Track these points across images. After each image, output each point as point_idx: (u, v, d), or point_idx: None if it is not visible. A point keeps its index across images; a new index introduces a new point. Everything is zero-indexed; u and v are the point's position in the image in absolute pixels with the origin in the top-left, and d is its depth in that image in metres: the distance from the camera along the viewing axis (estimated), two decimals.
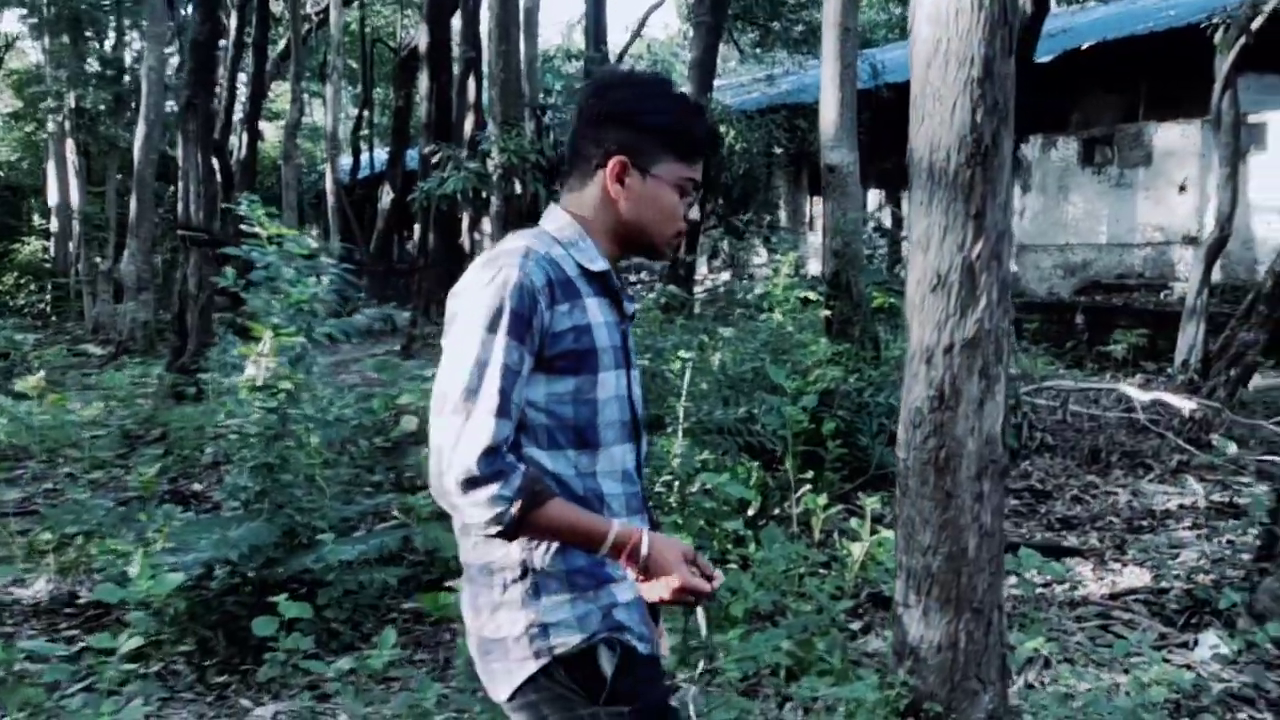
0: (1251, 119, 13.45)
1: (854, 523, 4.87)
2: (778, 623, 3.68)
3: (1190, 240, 14.84)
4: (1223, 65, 9.51)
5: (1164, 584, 4.79)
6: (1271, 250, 11.78)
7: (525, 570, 1.61)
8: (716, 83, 15.80)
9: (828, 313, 7.27)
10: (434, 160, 12.31)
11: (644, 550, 1.58)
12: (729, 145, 14.19)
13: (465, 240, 14.45)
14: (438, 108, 14.95)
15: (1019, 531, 5.91)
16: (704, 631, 1.91)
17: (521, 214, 10.18)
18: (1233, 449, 6.97)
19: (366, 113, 25.66)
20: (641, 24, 17.90)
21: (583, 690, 1.61)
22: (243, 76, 17.96)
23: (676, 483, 4.12)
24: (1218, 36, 9.99)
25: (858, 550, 4.61)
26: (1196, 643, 4.05)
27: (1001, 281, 2.79)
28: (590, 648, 1.61)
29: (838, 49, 6.96)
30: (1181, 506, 6.27)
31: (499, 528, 1.52)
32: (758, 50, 18.72)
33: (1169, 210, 15.76)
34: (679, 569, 1.59)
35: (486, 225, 12.72)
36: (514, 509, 1.50)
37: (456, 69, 14.64)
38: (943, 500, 2.81)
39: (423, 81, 15.21)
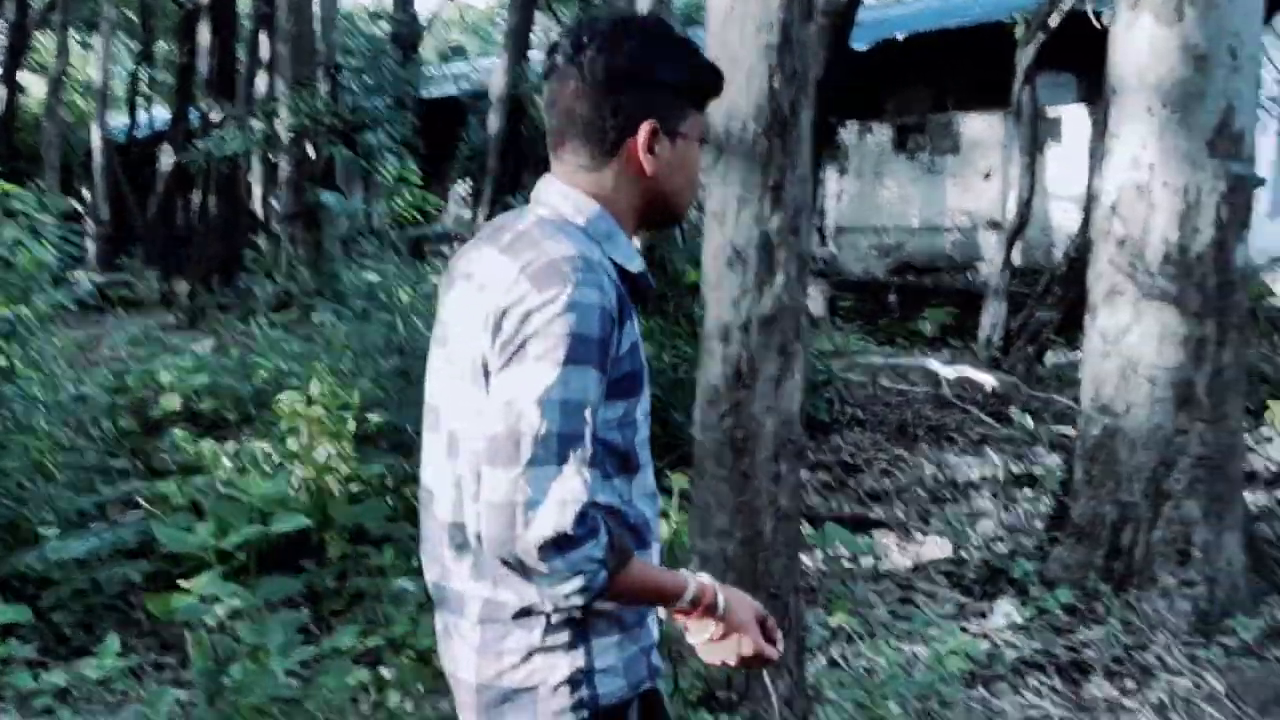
0: (1049, 113, 14.32)
1: (661, 501, 4.81)
2: None
3: (994, 225, 15.67)
4: (1023, 60, 10.01)
5: (964, 554, 4.96)
6: (1066, 235, 12.60)
7: (572, 615, 1.40)
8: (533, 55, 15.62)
9: None
10: (217, 120, 11.59)
11: (721, 606, 1.45)
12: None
13: (259, 208, 13.66)
14: (221, 64, 14.18)
15: (828, 505, 6.04)
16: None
17: (315, 179, 9.67)
18: (1030, 422, 7.35)
19: (146, 68, 23.89)
20: None
21: None
22: (1, 24, 16.36)
23: None
24: (1019, 32, 10.52)
25: (664, 531, 4.57)
26: (992, 611, 4.20)
27: (800, 257, 2.74)
28: (631, 698, 1.45)
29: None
30: (983, 478, 6.56)
31: (583, 599, 1.31)
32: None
33: (975, 196, 16.63)
34: (754, 632, 1.47)
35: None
36: (604, 573, 1.31)
37: (250, 25, 13.82)
38: (739, 482, 2.75)
39: (205, 35, 14.33)
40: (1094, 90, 13.91)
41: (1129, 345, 4.15)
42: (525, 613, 1.40)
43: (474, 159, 17.89)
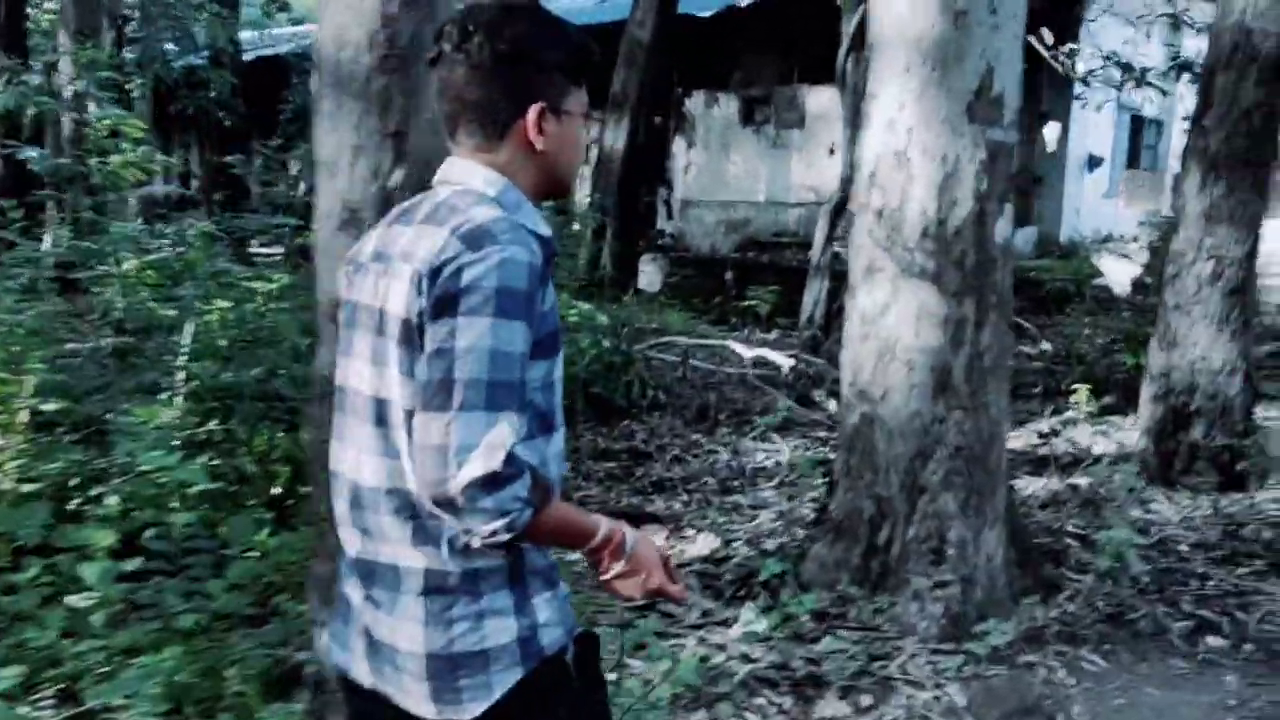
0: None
1: None
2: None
3: None
4: (847, 30, 9.84)
5: (730, 552, 4.68)
6: None
7: (517, 571, 1.53)
8: None
9: None
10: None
11: (629, 545, 1.57)
12: None
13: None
14: (10, 14, 12.90)
15: (609, 497, 5.70)
16: None
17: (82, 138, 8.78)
18: (833, 406, 7.18)
19: None
20: None
21: (557, 685, 1.57)
22: None
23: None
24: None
25: None
26: (737, 619, 3.90)
27: None
28: (568, 644, 1.58)
29: None
30: (777, 465, 6.33)
31: (510, 533, 1.42)
32: None
33: (820, 172, 16.61)
34: (657, 569, 1.60)
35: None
36: (528, 511, 1.42)
37: None
38: None
39: None
40: None
41: (887, 326, 3.90)
42: (470, 579, 1.50)
43: (294, 121, 16.93)
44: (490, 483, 1.37)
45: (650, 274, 15.76)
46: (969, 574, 3.84)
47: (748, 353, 7.45)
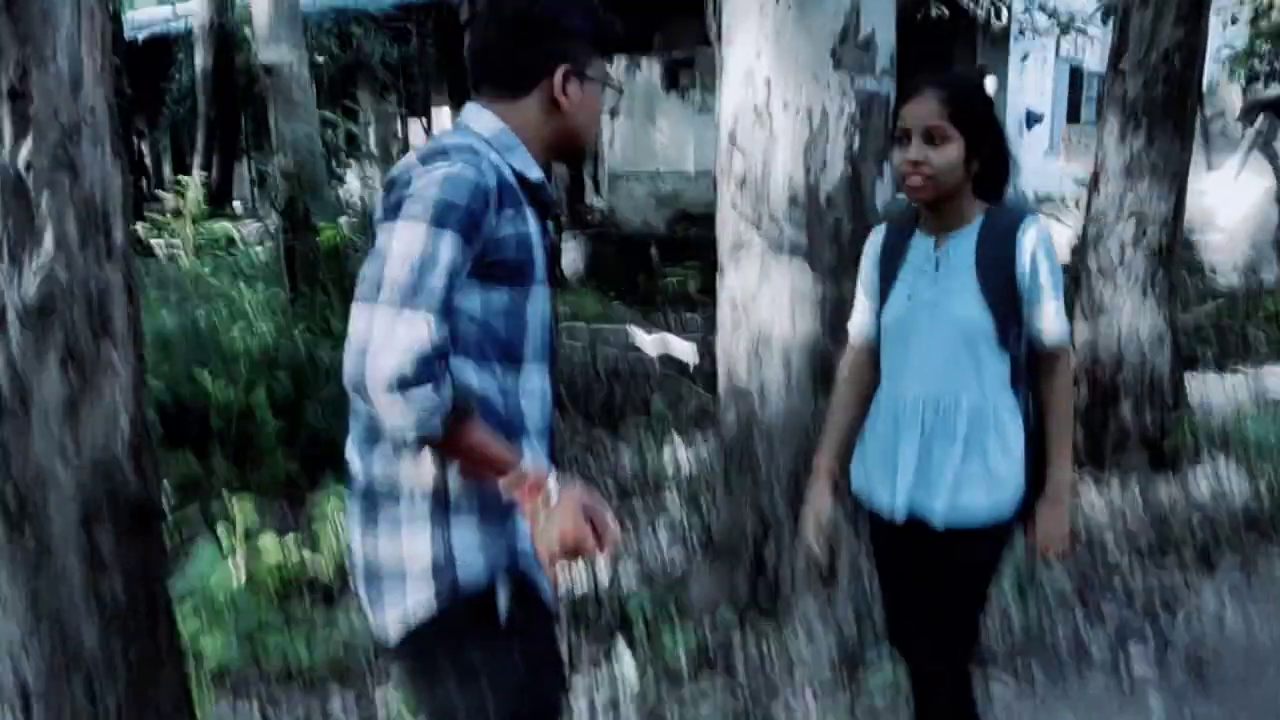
0: None
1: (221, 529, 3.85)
2: None
3: None
4: None
5: (616, 573, 4.25)
6: None
7: (439, 489, 1.60)
8: None
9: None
10: None
11: (550, 486, 1.58)
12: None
13: None
14: None
15: None
16: None
17: None
18: None
19: None
20: None
21: (475, 627, 1.61)
22: None
23: None
24: None
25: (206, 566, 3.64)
26: (609, 657, 3.47)
27: (87, 203, 1.83)
28: (491, 584, 1.62)
29: None
30: (682, 466, 5.90)
31: (421, 434, 1.49)
32: None
33: None
34: (577, 519, 1.59)
35: None
36: (438, 418, 1.48)
37: None
38: (28, 568, 1.84)
39: None
40: None
41: (759, 313, 3.47)
42: (392, 488, 1.61)
43: (182, 100, 16.17)
44: (402, 382, 1.44)
45: (572, 254, 15.25)
46: (863, 596, 3.44)
47: (649, 343, 6.99)
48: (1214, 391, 6.17)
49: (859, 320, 2.42)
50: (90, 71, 1.86)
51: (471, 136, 1.67)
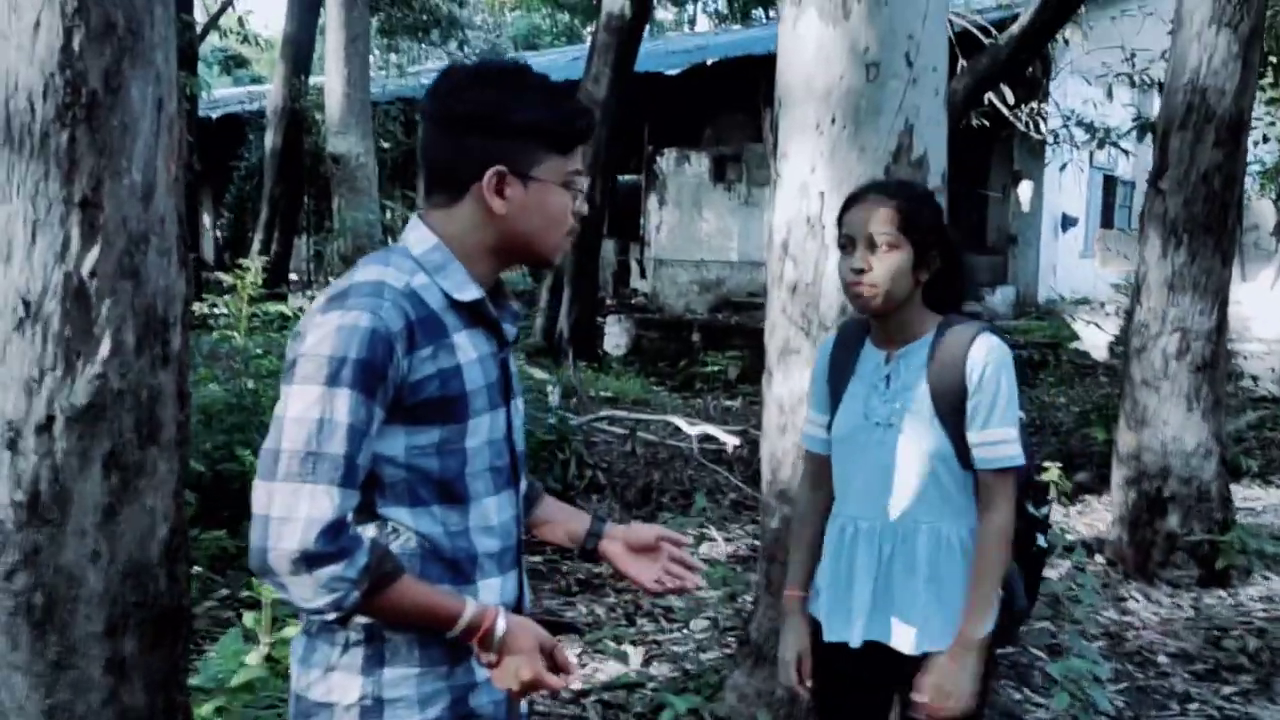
0: None
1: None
2: None
3: None
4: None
5: (648, 673, 4.09)
6: None
7: (371, 634, 1.45)
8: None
9: None
10: None
11: (498, 633, 1.45)
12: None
13: None
14: None
15: (530, 597, 5.09)
16: None
17: None
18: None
19: None
20: None
21: None
22: None
23: None
24: None
25: None
26: None
27: (148, 311, 1.78)
28: None
29: (342, 16, 5.90)
30: (722, 557, 5.74)
31: (336, 613, 1.35)
32: (380, 35, 17.44)
33: None
34: (532, 659, 1.46)
35: None
36: (355, 593, 1.34)
37: None
38: (48, 673, 1.75)
39: None
40: None
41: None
42: (327, 628, 1.46)
43: (249, 179, 16.52)
44: (309, 561, 1.32)
45: (616, 335, 15.26)
46: None
47: (692, 429, 6.87)
48: (1262, 504, 5.93)
49: (811, 434, 2.21)
50: (164, 182, 1.82)
51: (395, 259, 1.49)
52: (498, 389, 1.54)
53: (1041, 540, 2.13)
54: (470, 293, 1.51)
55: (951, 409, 1.93)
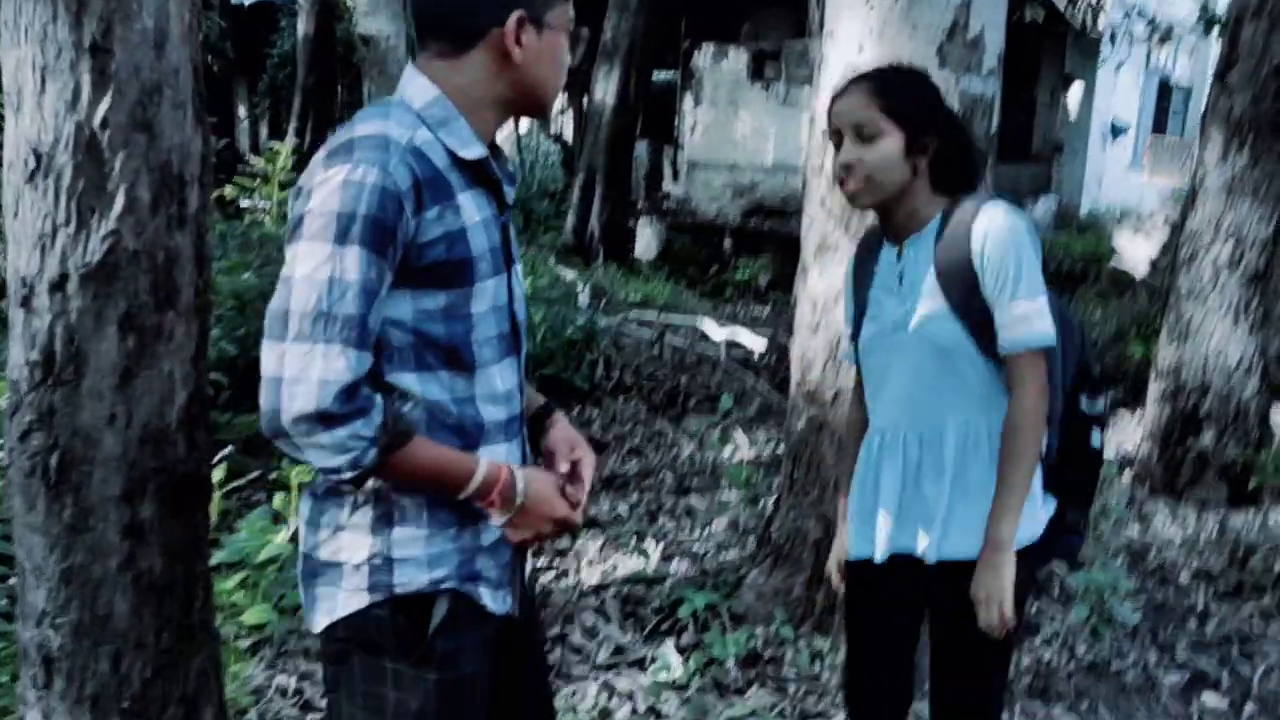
0: None
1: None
2: None
3: None
4: None
5: (667, 570, 4.10)
6: None
7: (379, 494, 1.44)
8: None
9: None
10: None
11: (519, 488, 1.47)
12: None
13: None
14: None
15: None
16: None
17: None
18: None
19: None
20: None
21: (398, 640, 1.45)
22: None
23: None
24: None
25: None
26: (655, 659, 3.33)
27: (163, 167, 1.72)
28: (431, 594, 1.45)
29: None
30: (745, 460, 5.73)
31: (353, 473, 1.34)
32: None
33: None
34: (557, 503, 1.51)
35: None
36: (373, 451, 1.33)
37: None
38: (64, 535, 1.74)
39: None
40: None
41: (841, 316, 3.28)
42: (335, 490, 1.45)
43: (283, 66, 16.30)
44: (325, 420, 1.30)
45: (648, 239, 15.11)
46: None
47: (718, 333, 6.81)
48: None
49: (846, 348, 2.14)
50: (178, 31, 1.74)
51: (396, 113, 1.43)
52: (500, 253, 1.51)
53: (1096, 439, 2.01)
54: (475, 150, 1.46)
55: (963, 294, 1.81)
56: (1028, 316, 1.78)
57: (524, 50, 1.45)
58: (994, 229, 1.79)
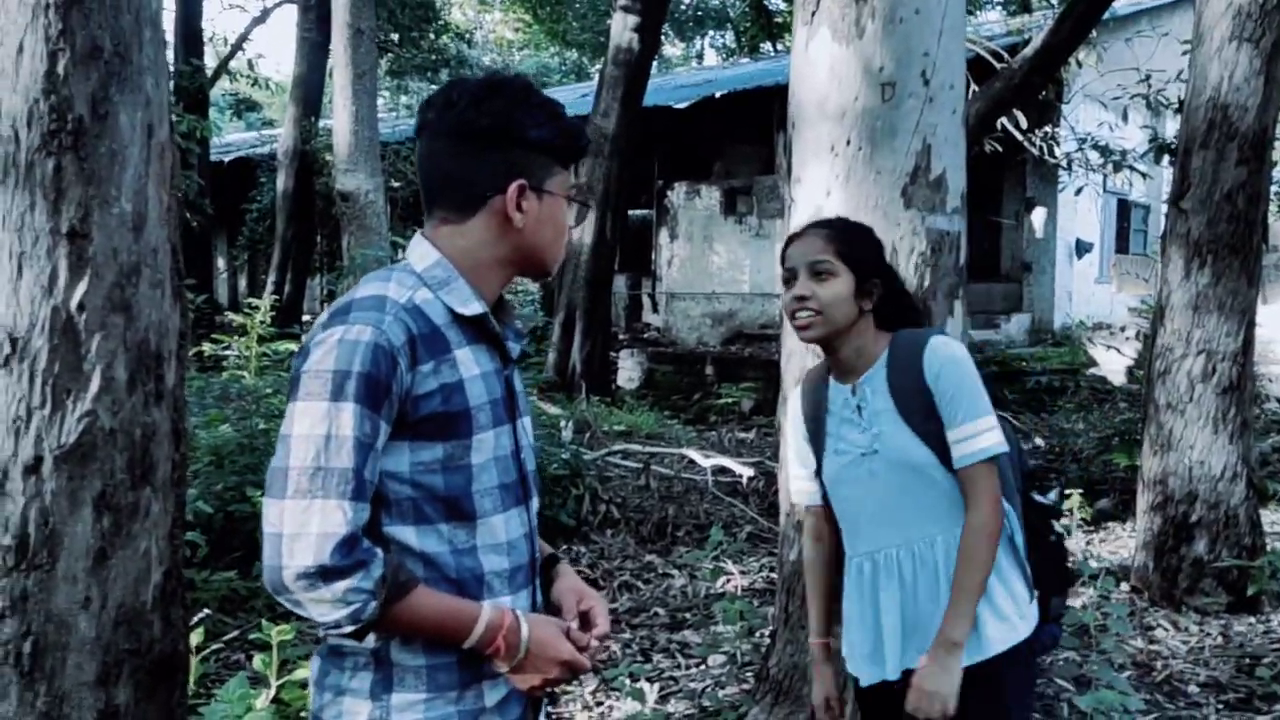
0: None
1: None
2: None
3: None
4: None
5: (665, 710, 3.97)
6: None
7: (378, 659, 1.43)
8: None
9: None
10: None
11: (524, 633, 1.45)
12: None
13: None
14: None
15: None
16: None
17: None
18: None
19: None
20: (243, 37, 16.09)
21: None
22: None
23: None
24: None
25: None
26: None
27: (140, 345, 1.71)
28: None
29: (348, 54, 5.90)
30: (738, 590, 5.62)
31: (353, 627, 1.34)
32: (389, 77, 17.57)
33: None
34: (563, 645, 1.47)
35: None
36: (373, 603, 1.33)
37: None
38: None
39: None
40: None
41: None
42: (337, 651, 1.45)
43: (262, 220, 16.59)
44: (325, 575, 1.31)
45: (630, 370, 15.19)
46: None
47: (706, 461, 6.77)
48: None
49: (801, 488, 2.20)
50: (156, 212, 1.76)
51: (399, 275, 1.49)
52: (503, 405, 1.52)
53: (1057, 528, 2.14)
54: (474, 307, 1.50)
55: (923, 417, 1.94)
56: (980, 432, 1.93)
57: (525, 216, 1.51)
58: (944, 358, 1.95)
